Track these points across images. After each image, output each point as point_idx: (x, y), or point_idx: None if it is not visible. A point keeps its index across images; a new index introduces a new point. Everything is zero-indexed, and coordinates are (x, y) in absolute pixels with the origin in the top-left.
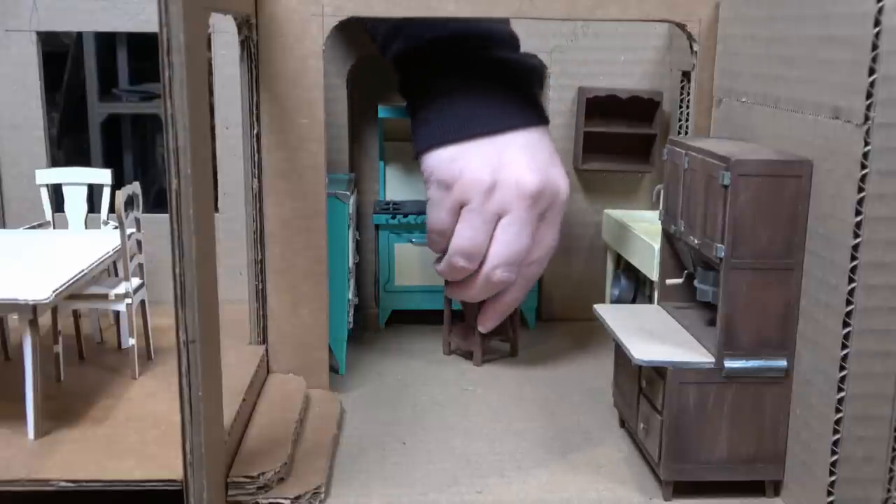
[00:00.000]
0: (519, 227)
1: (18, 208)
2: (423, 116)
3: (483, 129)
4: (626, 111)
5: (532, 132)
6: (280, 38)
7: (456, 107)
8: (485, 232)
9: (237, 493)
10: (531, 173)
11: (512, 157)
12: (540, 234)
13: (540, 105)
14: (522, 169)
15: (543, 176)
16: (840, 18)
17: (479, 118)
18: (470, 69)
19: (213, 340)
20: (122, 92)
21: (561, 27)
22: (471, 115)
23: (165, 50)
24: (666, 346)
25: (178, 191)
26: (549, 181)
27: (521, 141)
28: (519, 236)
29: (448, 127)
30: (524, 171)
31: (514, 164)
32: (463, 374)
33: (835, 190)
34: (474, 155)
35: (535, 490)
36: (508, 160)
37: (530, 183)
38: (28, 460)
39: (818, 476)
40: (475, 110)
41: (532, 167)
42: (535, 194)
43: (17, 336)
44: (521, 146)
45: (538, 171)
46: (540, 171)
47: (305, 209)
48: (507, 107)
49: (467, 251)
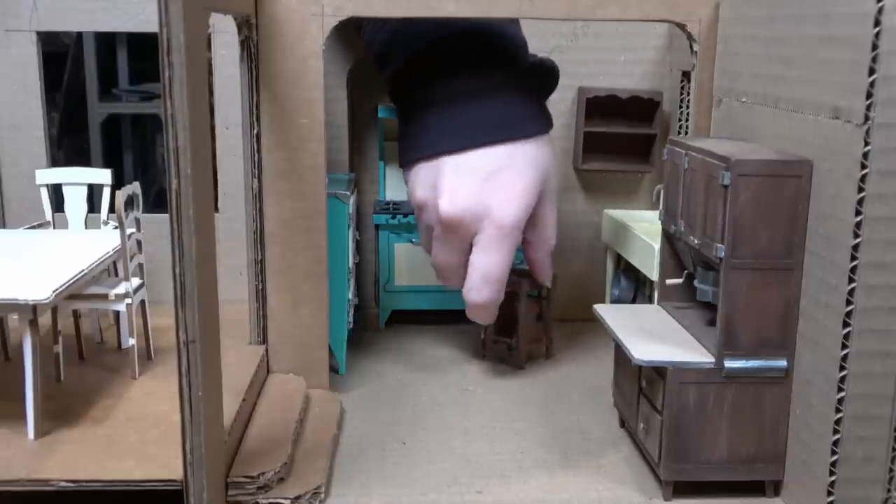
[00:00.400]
0: (441, 247)
1: (18, 208)
2: (401, 129)
3: (425, 152)
4: (626, 111)
5: (469, 154)
6: (280, 38)
7: (420, 124)
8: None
9: (237, 493)
10: (447, 199)
11: (443, 180)
12: (473, 258)
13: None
14: (443, 192)
15: (457, 207)
16: (840, 18)
17: (426, 139)
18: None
19: (213, 340)
20: (122, 92)
21: (561, 27)
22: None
23: (165, 50)
24: (666, 346)
25: (178, 191)
26: (463, 212)
27: (455, 162)
28: (446, 256)
29: (409, 146)
30: (443, 194)
31: (442, 188)
32: (463, 375)
33: (835, 190)
34: (417, 176)
35: (535, 490)
36: (440, 183)
37: (443, 209)
38: (28, 460)
39: (818, 476)
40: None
41: (453, 192)
42: (448, 220)
43: (17, 336)
44: (452, 169)
45: (456, 198)
46: (458, 198)
47: (305, 209)
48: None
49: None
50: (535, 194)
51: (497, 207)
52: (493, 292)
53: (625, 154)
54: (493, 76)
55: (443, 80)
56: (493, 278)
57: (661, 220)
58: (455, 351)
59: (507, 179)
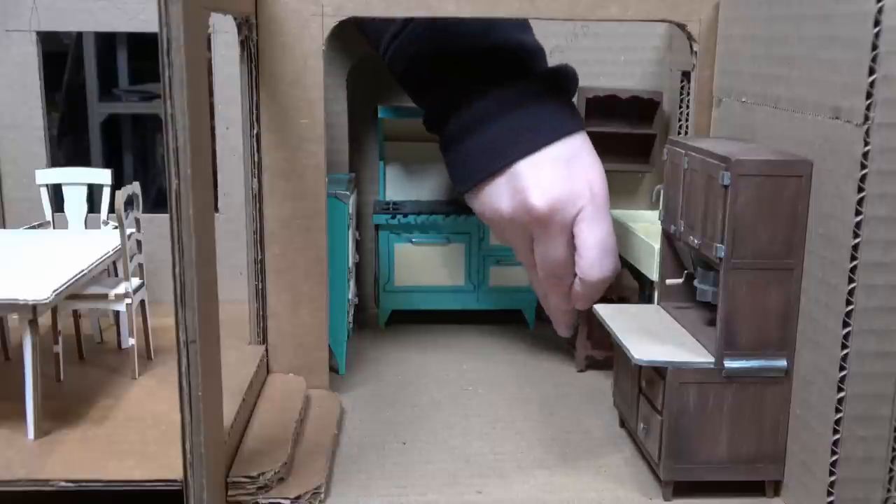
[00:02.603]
0: (546, 248)
1: (18, 208)
2: (450, 158)
3: (496, 166)
4: (626, 111)
5: (541, 153)
6: (280, 38)
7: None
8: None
9: (237, 493)
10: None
11: (524, 182)
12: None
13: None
14: (530, 190)
15: (549, 196)
16: (840, 18)
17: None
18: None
19: (213, 340)
20: (122, 92)
21: (561, 27)
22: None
23: (165, 50)
24: (666, 346)
25: (178, 191)
26: (557, 200)
27: (530, 162)
28: (555, 252)
29: (465, 170)
30: (531, 191)
31: (526, 188)
32: (463, 375)
33: (835, 190)
34: (494, 192)
35: (535, 490)
36: (522, 185)
37: (536, 203)
38: (28, 460)
39: (818, 476)
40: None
41: (540, 186)
42: (544, 213)
43: (17, 336)
44: (529, 168)
45: (545, 189)
46: (547, 189)
47: (305, 209)
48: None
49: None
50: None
51: (587, 183)
52: (612, 262)
53: (625, 154)
54: (533, 83)
55: (484, 95)
56: (608, 248)
57: (661, 220)
58: (455, 351)
59: (585, 160)
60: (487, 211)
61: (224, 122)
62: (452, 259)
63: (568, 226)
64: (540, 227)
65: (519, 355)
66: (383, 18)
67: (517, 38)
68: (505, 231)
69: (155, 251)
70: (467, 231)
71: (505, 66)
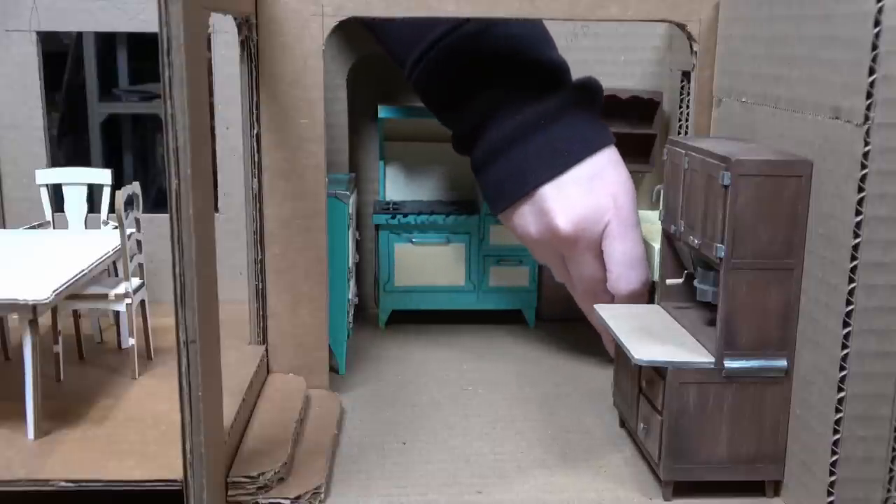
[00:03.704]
0: (580, 268)
1: (18, 208)
2: (480, 182)
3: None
4: (626, 111)
5: (565, 175)
6: (280, 38)
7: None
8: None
9: (237, 493)
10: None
11: (549, 204)
12: (608, 252)
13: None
14: (555, 213)
15: (573, 217)
16: (840, 18)
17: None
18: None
19: (213, 340)
20: (122, 92)
21: (561, 27)
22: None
23: (165, 50)
24: (666, 346)
25: (178, 191)
26: (582, 219)
27: (555, 185)
28: (589, 271)
29: (494, 195)
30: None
31: (552, 210)
32: (463, 375)
33: (835, 190)
34: (523, 216)
35: (535, 490)
36: (547, 207)
37: (561, 225)
38: (28, 460)
39: (818, 476)
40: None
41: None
42: (570, 234)
43: (17, 336)
44: (554, 191)
45: (569, 211)
46: (571, 210)
47: (305, 209)
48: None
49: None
50: (633, 185)
51: (611, 198)
52: (641, 274)
53: (625, 154)
54: (557, 100)
55: (509, 117)
56: (636, 261)
57: (661, 220)
58: (455, 351)
59: (608, 175)
60: (519, 233)
61: (224, 122)
62: (452, 259)
63: (596, 243)
64: (568, 248)
65: (519, 355)
66: (409, 40)
67: (546, 56)
68: (537, 251)
69: (155, 251)
70: (467, 231)
71: (532, 83)
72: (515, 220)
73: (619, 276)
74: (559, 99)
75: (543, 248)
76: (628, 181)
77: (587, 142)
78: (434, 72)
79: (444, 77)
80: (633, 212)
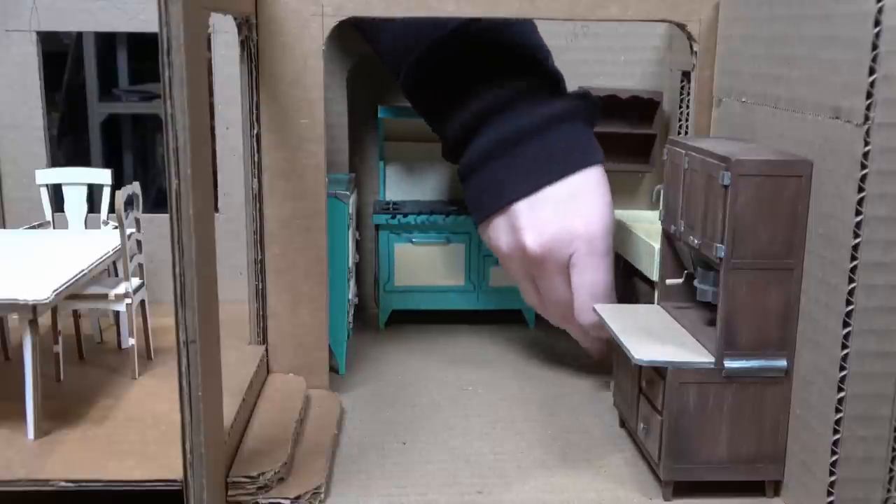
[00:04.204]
0: (548, 287)
1: (18, 208)
2: (465, 190)
3: (498, 205)
4: (626, 111)
5: (542, 192)
6: (280, 38)
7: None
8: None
9: (237, 493)
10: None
11: (520, 221)
12: (573, 280)
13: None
14: (524, 231)
15: (542, 237)
16: (840, 18)
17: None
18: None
19: (213, 340)
20: (122, 92)
21: (561, 27)
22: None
23: (165, 50)
24: (666, 346)
25: (178, 191)
26: (550, 240)
27: (528, 202)
28: (558, 293)
29: (473, 205)
30: (525, 232)
31: (522, 228)
32: (463, 375)
33: (835, 190)
34: (496, 230)
35: (535, 490)
36: (518, 224)
37: (529, 244)
38: (28, 460)
39: (818, 476)
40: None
41: (534, 227)
42: (538, 254)
43: (17, 336)
44: (526, 209)
45: (539, 230)
46: (540, 230)
47: (305, 209)
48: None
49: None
50: (612, 211)
51: (582, 222)
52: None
53: (625, 154)
54: (548, 111)
55: (497, 125)
56: (600, 292)
57: (661, 220)
58: (455, 351)
59: (586, 199)
60: (491, 246)
61: (224, 122)
62: (452, 259)
63: (564, 266)
64: (536, 268)
65: (519, 355)
66: (399, 46)
67: (540, 66)
68: (508, 267)
69: (155, 251)
70: (467, 231)
71: (523, 94)
72: (490, 232)
73: (581, 308)
74: (548, 112)
75: (514, 265)
76: (605, 207)
77: (570, 159)
78: (423, 80)
79: (433, 85)
80: (605, 239)
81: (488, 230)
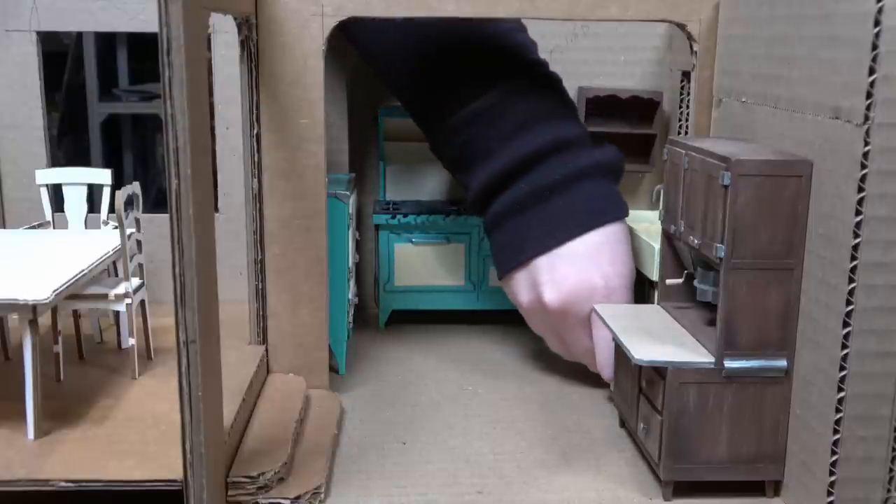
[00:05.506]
0: (573, 339)
1: (18, 208)
2: (491, 243)
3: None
4: (626, 111)
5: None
6: (280, 38)
7: (512, 232)
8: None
9: (237, 493)
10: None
11: (541, 276)
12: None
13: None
14: (544, 286)
15: (561, 293)
16: (840, 18)
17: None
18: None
19: (213, 340)
20: (122, 92)
21: (561, 27)
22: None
23: (165, 50)
24: (666, 346)
25: (178, 191)
26: (570, 295)
27: (549, 257)
28: (584, 343)
29: (496, 259)
30: (545, 288)
31: (542, 283)
32: (463, 374)
33: (835, 190)
34: (517, 284)
35: (535, 490)
36: (539, 280)
37: (549, 300)
38: (28, 460)
39: (818, 476)
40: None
41: (554, 282)
42: (559, 309)
43: (17, 336)
44: (547, 264)
45: (559, 286)
46: (561, 285)
47: (305, 209)
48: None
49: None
50: (633, 267)
51: (603, 279)
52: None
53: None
54: (572, 168)
55: (523, 181)
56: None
57: (661, 220)
58: (455, 351)
59: (606, 254)
60: (513, 300)
61: (224, 122)
62: (452, 259)
63: (585, 320)
64: (559, 322)
65: (519, 355)
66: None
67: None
68: (530, 320)
69: (155, 251)
70: (467, 231)
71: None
72: (512, 286)
73: (603, 364)
74: (573, 167)
75: (535, 319)
76: (626, 263)
77: (592, 216)
78: (452, 140)
79: (456, 143)
80: (626, 296)
81: (510, 284)
